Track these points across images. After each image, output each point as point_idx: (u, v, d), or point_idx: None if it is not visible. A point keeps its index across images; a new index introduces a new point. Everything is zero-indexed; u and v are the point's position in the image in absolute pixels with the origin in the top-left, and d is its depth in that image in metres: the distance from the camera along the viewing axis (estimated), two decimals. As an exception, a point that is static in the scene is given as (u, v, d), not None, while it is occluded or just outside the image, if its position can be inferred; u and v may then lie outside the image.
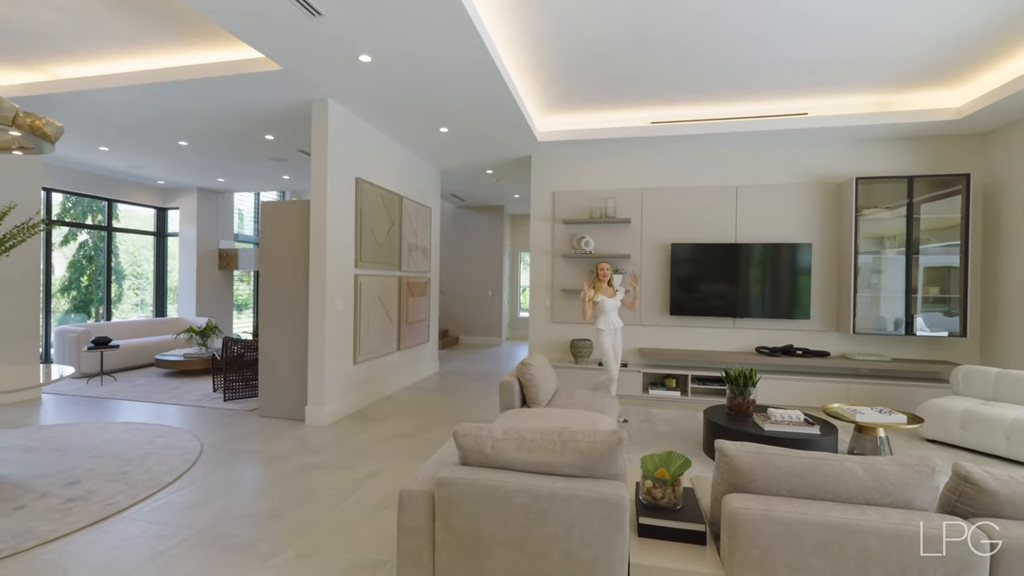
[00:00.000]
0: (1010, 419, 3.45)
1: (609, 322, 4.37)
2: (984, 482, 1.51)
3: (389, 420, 4.35)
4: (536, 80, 4.24)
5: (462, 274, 9.78)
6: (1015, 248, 4.44)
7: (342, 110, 4.32)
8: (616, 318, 4.42)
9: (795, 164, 5.20)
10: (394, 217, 5.30)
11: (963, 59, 3.77)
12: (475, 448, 1.84)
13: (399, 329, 5.47)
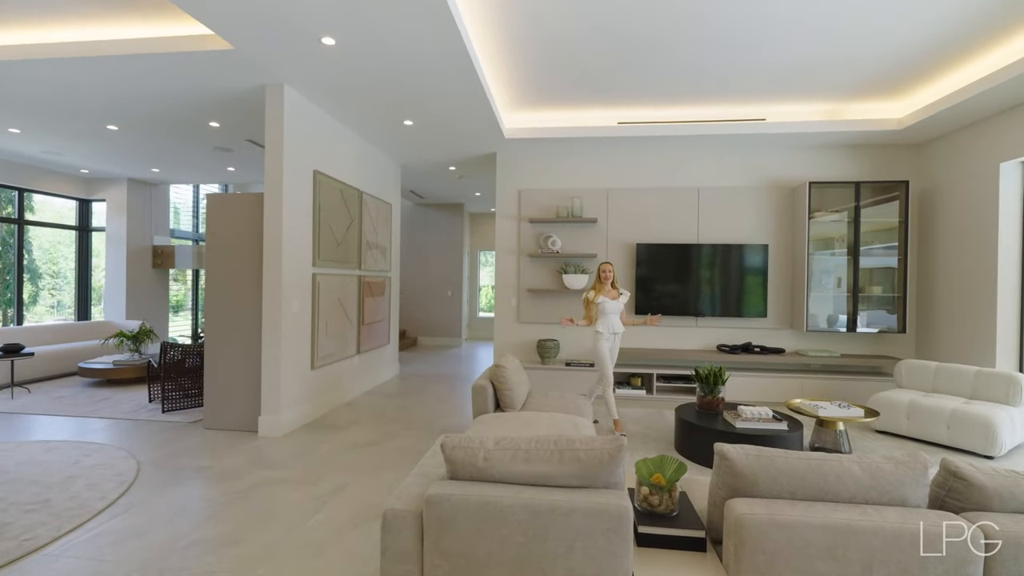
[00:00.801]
0: (950, 409, 3.70)
1: (609, 325, 4.11)
2: (973, 477, 1.55)
3: (352, 428, 4.10)
4: (506, 75, 4.13)
5: (420, 273, 9.51)
6: (946, 250, 4.80)
7: (299, 97, 4.02)
8: (617, 322, 4.14)
9: (753, 168, 5.39)
10: (354, 213, 5.03)
11: (906, 73, 4.01)
12: (466, 461, 1.71)
13: (359, 331, 5.20)
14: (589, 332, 5.58)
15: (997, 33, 3.43)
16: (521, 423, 2.92)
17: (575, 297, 5.57)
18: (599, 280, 4.16)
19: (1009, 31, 3.41)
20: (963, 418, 3.60)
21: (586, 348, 5.62)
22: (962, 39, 3.49)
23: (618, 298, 4.13)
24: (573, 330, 5.63)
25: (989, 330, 4.29)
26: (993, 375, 3.85)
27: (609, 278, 4.13)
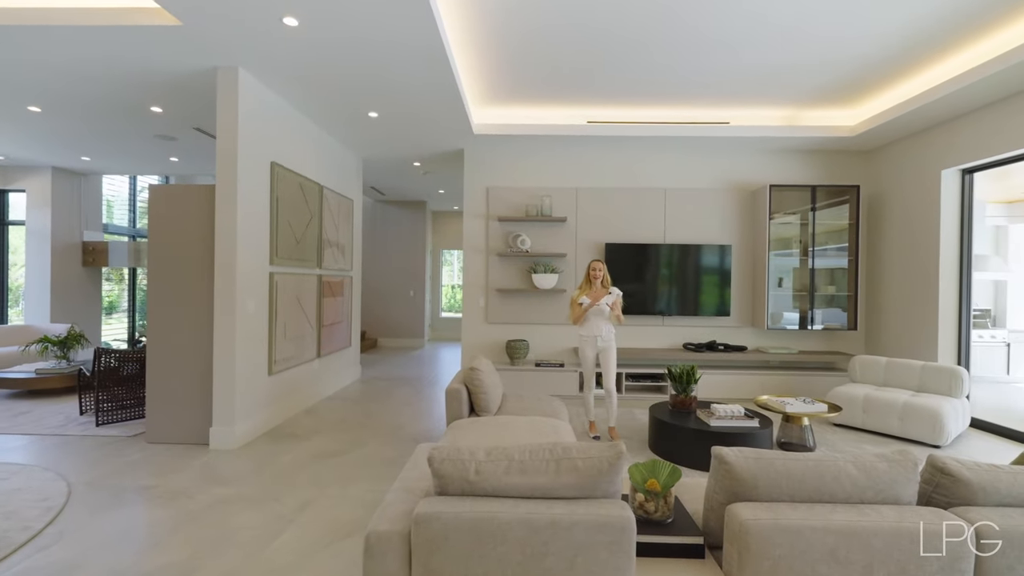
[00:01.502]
0: (902, 402, 3.91)
1: (590, 328, 3.84)
2: (959, 472, 1.58)
3: (314, 437, 3.86)
4: (477, 68, 4.01)
5: (381, 273, 9.20)
6: (893, 252, 5.09)
7: (255, 83, 3.74)
8: (601, 324, 3.82)
9: (717, 170, 5.52)
10: (314, 209, 4.75)
11: (859, 83, 4.20)
12: (456, 475, 1.59)
13: (319, 334, 4.92)
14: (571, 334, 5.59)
15: (939, 51, 3.64)
16: (499, 429, 2.81)
17: (545, 297, 5.52)
18: (587, 279, 3.93)
19: (948, 50, 3.62)
20: (913, 411, 3.81)
21: (556, 348, 5.58)
22: (909, 54, 3.68)
23: (601, 300, 3.83)
24: (545, 330, 5.58)
25: (932, 326, 4.57)
26: (937, 369, 4.10)
27: (598, 277, 3.88)
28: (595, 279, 3.88)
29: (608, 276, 3.95)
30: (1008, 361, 6.98)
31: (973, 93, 3.84)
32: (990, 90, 3.78)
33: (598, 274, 3.88)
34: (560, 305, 5.52)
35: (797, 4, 3.05)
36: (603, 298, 3.84)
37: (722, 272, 5.39)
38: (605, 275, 3.92)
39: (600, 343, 3.86)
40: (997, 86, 3.71)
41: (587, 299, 3.85)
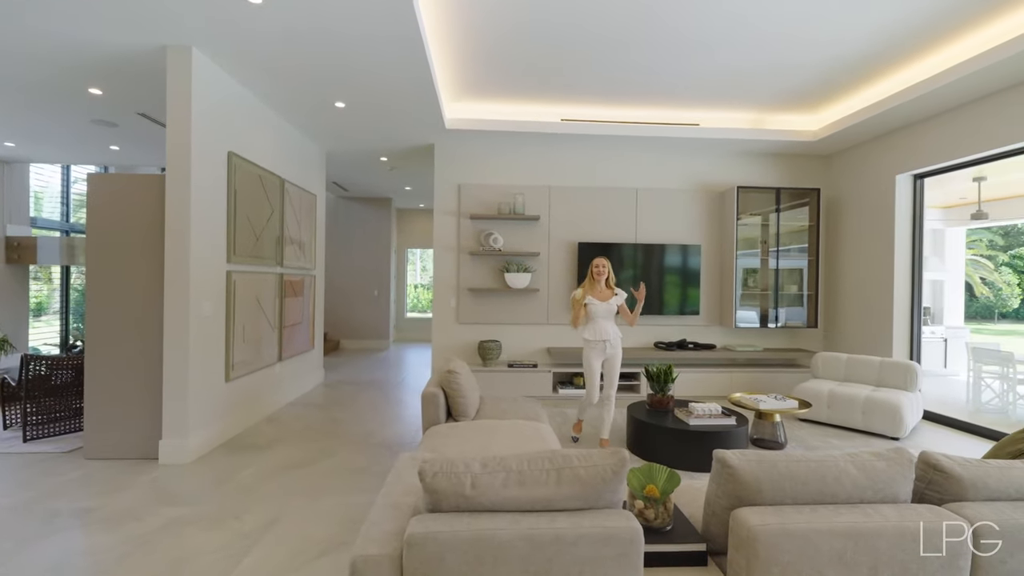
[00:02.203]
0: (863, 397, 4.07)
1: (597, 331, 3.53)
2: (951, 469, 1.60)
3: (277, 447, 3.61)
4: (452, 60, 3.87)
5: (343, 272, 8.85)
6: (851, 252, 5.32)
7: (211, 65, 3.45)
8: (609, 328, 3.54)
9: (687, 171, 5.60)
10: (275, 203, 4.46)
11: (822, 88, 4.34)
12: (451, 490, 1.46)
13: (280, 336, 4.63)
14: (544, 334, 5.51)
15: (895, 62, 3.80)
16: (482, 435, 2.70)
17: (518, 297, 5.44)
18: (590, 278, 3.62)
19: (904, 62, 3.80)
20: (875, 405, 3.97)
21: (529, 349, 5.50)
22: (869, 64, 3.83)
23: (610, 299, 3.56)
24: (517, 330, 5.49)
25: (887, 324, 4.80)
26: (894, 364, 4.29)
27: (602, 275, 3.58)
28: (599, 277, 3.59)
29: (613, 275, 3.66)
30: (945, 355, 7.50)
31: (926, 103, 4.05)
32: (941, 100, 3.99)
33: (603, 272, 3.58)
34: (533, 305, 5.45)
35: (775, 7, 3.08)
36: (610, 299, 3.56)
37: (692, 272, 5.48)
38: (610, 273, 3.63)
39: (609, 349, 3.55)
40: (948, 97, 3.91)
41: (594, 300, 3.55)
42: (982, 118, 3.93)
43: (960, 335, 7.62)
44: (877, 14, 3.17)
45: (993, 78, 3.58)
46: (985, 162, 4.13)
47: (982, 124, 3.93)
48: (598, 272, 3.60)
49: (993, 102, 3.85)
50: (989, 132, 3.88)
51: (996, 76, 3.54)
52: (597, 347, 3.55)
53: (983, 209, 5.92)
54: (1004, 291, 12.78)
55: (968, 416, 4.75)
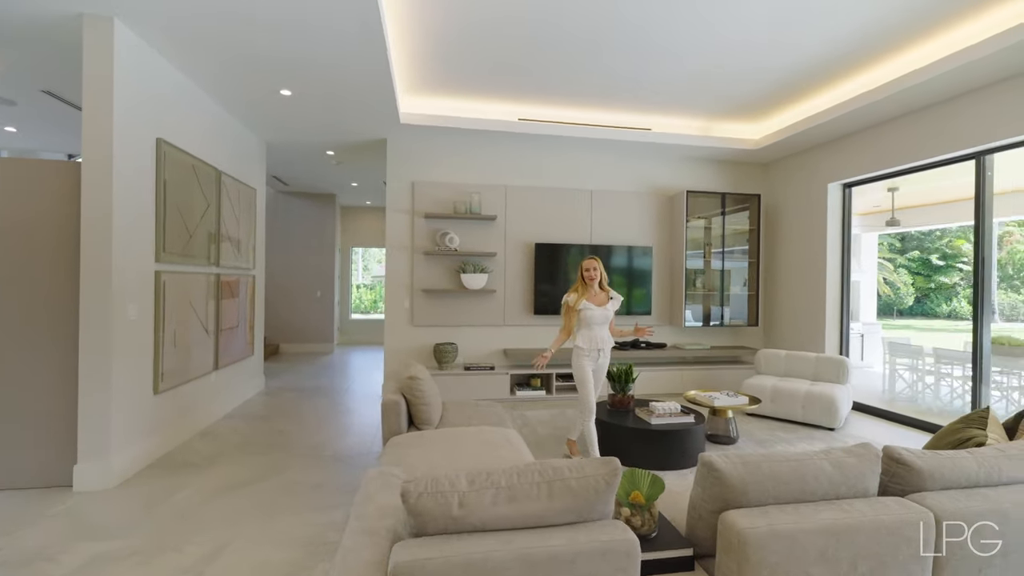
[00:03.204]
0: (803, 392, 4.34)
1: (592, 339, 3.24)
2: (912, 462, 1.70)
3: (217, 464, 3.28)
4: (410, 52, 3.70)
5: (283, 272, 8.32)
6: (786, 255, 5.67)
7: (136, 40, 3.07)
8: (604, 335, 3.28)
9: (640, 174, 5.73)
10: (210, 197, 4.07)
11: (767, 100, 4.59)
12: (437, 511, 1.35)
13: (217, 342, 4.24)
14: (501, 335, 5.42)
15: (830, 79, 4.09)
16: (449, 444, 2.58)
17: (475, 298, 5.33)
18: (581, 281, 3.29)
19: (837, 79, 4.09)
20: (814, 398, 4.24)
21: (486, 351, 5.41)
22: (810, 78, 4.08)
23: (607, 303, 3.27)
24: (474, 332, 5.38)
25: (820, 321, 5.16)
26: (828, 360, 4.62)
27: (595, 278, 3.25)
28: (591, 281, 3.25)
29: (606, 276, 3.35)
30: (862, 349, 8.23)
31: (855, 118, 4.38)
32: (868, 116, 4.33)
33: (595, 275, 3.25)
34: (489, 306, 5.37)
35: (743, 13, 3.13)
36: (607, 303, 3.27)
37: (644, 272, 5.62)
38: (603, 275, 3.30)
39: (601, 358, 3.30)
40: (874, 113, 4.25)
41: (591, 305, 3.23)
42: (901, 134, 4.31)
43: (874, 331, 8.39)
44: (828, 29, 3.37)
45: (909, 99, 3.92)
46: (903, 174, 4.54)
47: (901, 140, 4.31)
48: (589, 276, 3.26)
49: (910, 120, 4.23)
50: (907, 147, 4.26)
51: (912, 98, 3.89)
52: (591, 356, 3.27)
53: (896, 216, 6.53)
54: (902, 290, 14.28)
55: (885, 404, 5.22)
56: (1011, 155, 3.74)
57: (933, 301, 14.89)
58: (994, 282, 14.76)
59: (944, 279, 14.55)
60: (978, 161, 3.85)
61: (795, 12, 3.12)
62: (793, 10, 3.10)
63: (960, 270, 14.18)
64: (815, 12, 3.13)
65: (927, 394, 5.67)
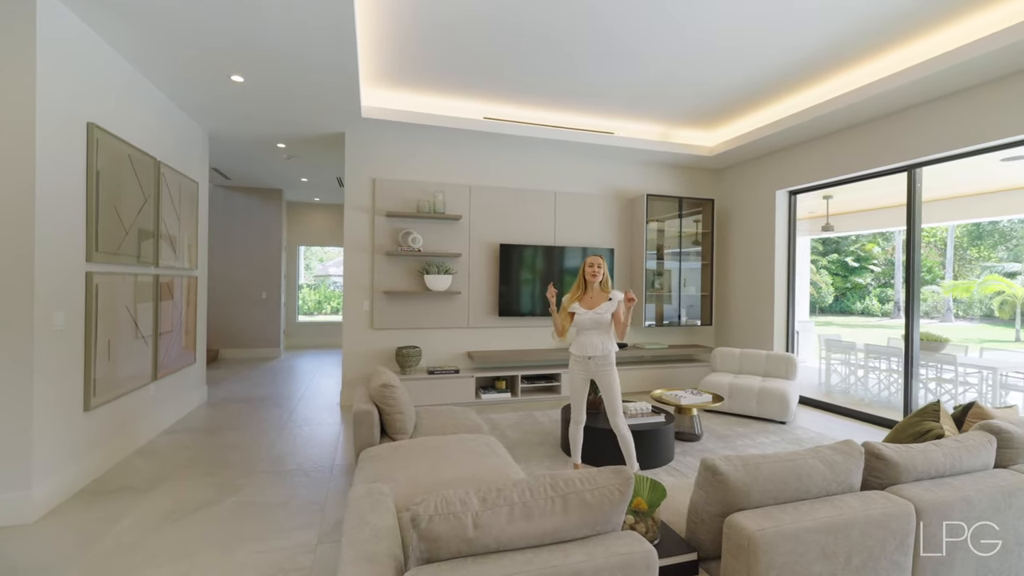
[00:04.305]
0: (757, 387, 4.57)
1: (581, 345, 3.00)
2: (889, 456, 1.80)
3: (162, 486, 2.97)
4: (376, 43, 3.53)
5: (223, 272, 7.73)
6: (737, 257, 5.97)
7: (64, 10, 2.71)
8: (596, 341, 2.96)
9: (602, 177, 5.82)
10: (149, 191, 3.69)
11: (723, 109, 4.79)
12: (451, 533, 1.27)
13: (156, 350, 3.85)
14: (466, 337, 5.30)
15: (780, 92, 4.32)
16: (430, 455, 2.47)
17: (439, 300, 5.19)
18: (581, 280, 3.08)
19: (787, 92, 4.33)
20: (767, 394, 4.48)
21: (450, 354, 5.29)
22: (759, 91, 4.30)
23: (599, 306, 2.97)
24: (438, 335, 5.25)
25: (768, 320, 5.47)
26: (777, 357, 4.89)
27: (597, 277, 3.01)
28: (593, 280, 3.04)
29: (608, 276, 3.10)
30: (798, 345, 8.84)
31: (803, 129, 4.67)
32: (815, 128, 4.63)
33: (597, 274, 3.02)
34: (454, 307, 5.25)
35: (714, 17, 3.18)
36: (600, 305, 2.98)
37: (607, 273, 5.69)
38: (605, 275, 3.06)
39: (593, 366, 2.98)
40: (820, 125, 4.55)
41: (580, 308, 3.02)
42: (844, 147, 4.64)
43: (808, 328, 9.03)
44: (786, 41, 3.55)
45: (852, 115, 4.23)
46: (844, 183, 4.90)
47: (844, 152, 4.65)
48: (591, 274, 3.02)
49: (852, 134, 4.56)
50: (848, 159, 4.60)
51: (854, 113, 4.19)
52: (579, 363, 3.03)
53: (830, 222, 7.05)
54: (823, 289, 15.55)
55: (823, 396, 5.63)
56: (936, 168, 4.12)
57: (849, 299, 16.24)
58: (898, 282, 16.09)
59: (859, 279, 15.91)
60: (910, 173, 4.22)
61: (759, 21, 3.25)
62: (757, 19, 3.23)
63: (872, 271, 15.62)
64: (774, 27, 3.28)
65: (858, 387, 6.16)
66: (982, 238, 12.35)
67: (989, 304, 11.96)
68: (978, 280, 11.60)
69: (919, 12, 3.10)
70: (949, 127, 3.79)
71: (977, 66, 3.32)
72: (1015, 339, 11.02)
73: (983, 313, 12.29)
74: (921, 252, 4.32)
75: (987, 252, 12.29)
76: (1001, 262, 11.72)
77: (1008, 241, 11.44)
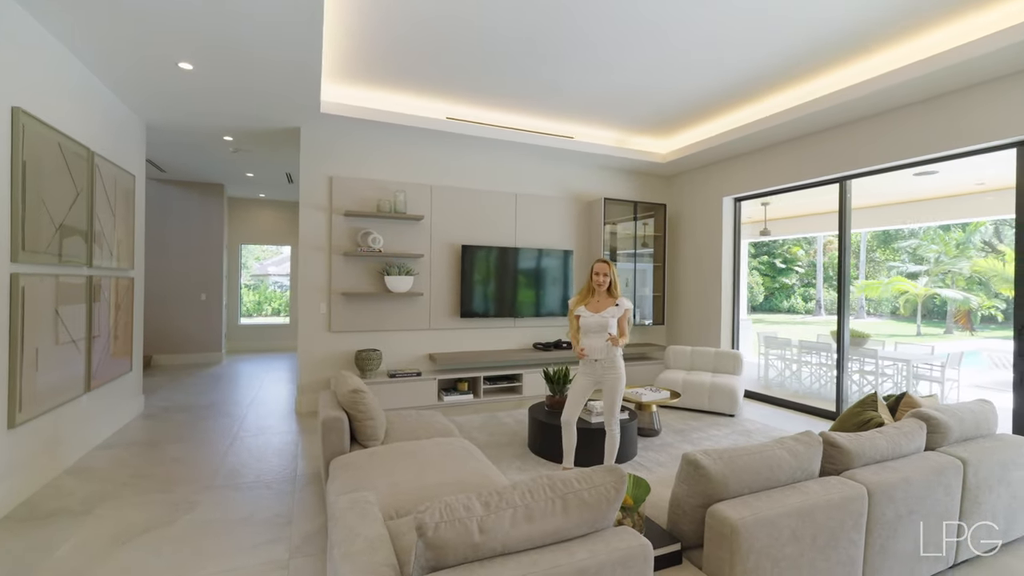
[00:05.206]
0: (708, 383, 4.84)
1: (588, 348, 3.02)
2: (844, 444, 1.98)
3: (103, 508, 2.72)
4: (338, 37, 3.41)
5: (156, 272, 7.16)
6: (687, 259, 6.28)
7: (-15, -19, 2.43)
8: (601, 345, 2.98)
9: (562, 180, 5.93)
10: (82, 184, 3.36)
11: (677, 118, 5.04)
12: (458, 540, 1.28)
13: (89, 358, 3.52)
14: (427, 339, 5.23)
15: (729, 104, 4.61)
16: (409, 461, 2.43)
17: (400, 301, 5.09)
18: (588, 286, 3.12)
19: (734, 106, 4.62)
20: (717, 389, 4.76)
21: (412, 356, 5.21)
22: (711, 103, 4.57)
23: (604, 311, 3.01)
24: (399, 337, 5.15)
25: (716, 319, 5.80)
26: (725, 354, 5.21)
27: (603, 284, 3.04)
28: (599, 286, 3.06)
29: (617, 281, 3.10)
30: (740, 342, 9.41)
31: (748, 141, 4.99)
32: (759, 140, 4.97)
33: (604, 280, 3.05)
34: (415, 309, 5.17)
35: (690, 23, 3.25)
36: (606, 309, 3.02)
37: (566, 275, 5.83)
38: (613, 280, 3.07)
39: (600, 369, 3.02)
40: (764, 138, 4.89)
41: (586, 311, 3.05)
42: (784, 158, 5.02)
43: (747, 325, 9.65)
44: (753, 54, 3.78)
45: (791, 129, 4.59)
46: (783, 192, 5.29)
47: (784, 163, 5.02)
48: (597, 282, 3.06)
49: (791, 146, 4.94)
50: (788, 169, 4.98)
51: (794, 127, 4.55)
52: (586, 365, 3.06)
53: (768, 227, 7.58)
54: (755, 289, 16.71)
55: (762, 389, 6.05)
56: (860, 180, 4.56)
57: (777, 298, 17.49)
58: (820, 282, 17.50)
59: (786, 280, 17.18)
60: (841, 184, 4.63)
61: (716, 38, 3.45)
62: (716, 36, 3.43)
63: (797, 272, 16.93)
64: (737, 41, 3.50)
65: (793, 380, 6.67)
66: (887, 243, 13.68)
67: (895, 302, 13.32)
68: (885, 280, 12.87)
69: (846, 42, 3.41)
70: (874, 144, 4.20)
71: (896, 92, 3.70)
72: (916, 333, 12.37)
73: (891, 310, 13.67)
74: (850, 255, 4.76)
75: (891, 255, 13.64)
76: (904, 263, 13.05)
77: (909, 243, 12.75)
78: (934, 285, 12.17)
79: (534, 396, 5.31)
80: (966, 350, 6.48)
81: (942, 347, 6.71)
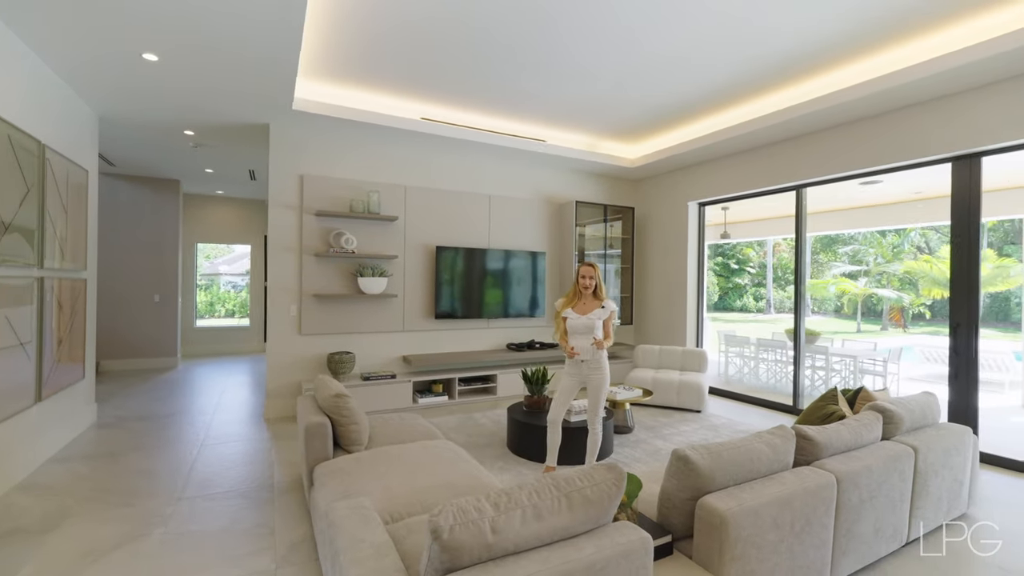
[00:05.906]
0: (677, 381, 5.04)
1: (576, 349, 3.10)
2: (815, 437, 2.14)
3: (64, 525, 2.55)
4: (313, 33, 3.34)
5: (106, 273, 6.70)
6: (654, 261, 6.50)
7: (-71, -40, 2.23)
8: (587, 346, 3.05)
9: (534, 182, 6.01)
10: (32, 179, 3.13)
11: (645, 125, 5.21)
12: (472, 541, 1.31)
13: (40, 366, 3.29)
14: (401, 341, 5.17)
15: (693, 114, 4.82)
16: (398, 464, 2.43)
17: (373, 303, 5.02)
18: (575, 288, 3.18)
19: (700, 115, 4.84)
20: (685, 386, 4.96)
21: (386, 358, 5.14)
22: (679, 111, 4.76)
23: (590, 313, 3.08)
24: (373, 339, 5.08)
25: (681, 319, 6.04)
26: (692, 352, 5.43)
27: (589, 286, 3.10)
28: (586, 289, 3.12)
29: (603, 284, 3.18)
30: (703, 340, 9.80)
31: (711, 149, 5.23)
32: (722, 148, 5.21)
33: (590, 282, 3.11)
34: (389, 311, 5.11)
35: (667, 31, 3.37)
36: (592, 311, 3.08)
37: (538, 276, 5.91)
38: (599, 283, 3.14)
39: (586, 370, 3.09)
40: (726, 146, 5.14)
41: (572, 313, 3.11)
42: (744, 166, 5.29)
43: (707, 323, 10.07)
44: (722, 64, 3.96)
45: (751, 139, 4.85)
46: (743, 198, 5.57)
47: (744, 170, 5.29)
48: (584, 284, 3.12)
49: (751, 156, 5.21)
50: (748, 177, 5.25)
51: (754, 138, 4.81)
52: (572, 366, 3.14)
53: (727, 231, 7.95)
54: (710, 288, 17.48)
55: (724, 385, 6.35)
56: (815, 188, 4.88)
57: (731, 298, 18.31)
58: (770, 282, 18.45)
59: (739, 280, 18.01)
60: (798, 192, 4.93)
61: (693, 49, 3.61)
62: (698, 41, 3.58)
63: (749, 273, 17.81)
64: (702, 56, 3.67)
65: (751, 376, 7.03)
66: (829, 246, 14.60)
67: (838, 301, 14.25)
68: (830, 280, 13.72)
69: (802, 60, 3.65)
70: (828, 156, 4.51)
71: (850, 108, 3.99)
72: (857, 330, 13.29)
73: (834, 308, 14.60)
74: (805, 257, 5.07)
75: (833, 256, 14.56)
76: (845, 264, 13.95)
77: (850, 247, 13.66)
78: (871, 285, 13.10)
79: (509, 396, 5.36)
80: (903, 346, 7.04)
81: (882, 343, 7.27)
